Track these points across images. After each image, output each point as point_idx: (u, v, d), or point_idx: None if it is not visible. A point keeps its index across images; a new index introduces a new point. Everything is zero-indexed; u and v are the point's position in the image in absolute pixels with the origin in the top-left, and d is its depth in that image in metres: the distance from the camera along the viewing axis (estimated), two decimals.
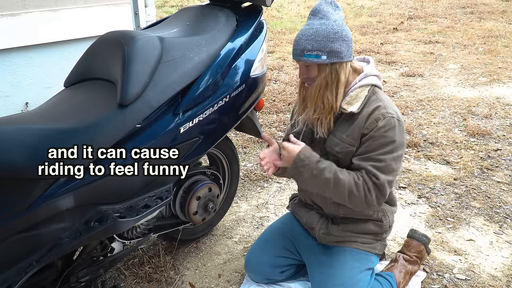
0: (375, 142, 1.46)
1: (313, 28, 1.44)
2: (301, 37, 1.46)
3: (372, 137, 1.47)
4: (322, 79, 1.47)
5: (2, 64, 2.68)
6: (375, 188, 1.45)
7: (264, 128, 3.38)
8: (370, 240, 1.67)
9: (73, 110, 1.43)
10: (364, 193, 1.45)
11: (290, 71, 4.76)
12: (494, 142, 3.11)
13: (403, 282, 1.77)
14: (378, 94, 1.52)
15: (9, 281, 1.24)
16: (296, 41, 1.48)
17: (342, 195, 1.48)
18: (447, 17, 7.15)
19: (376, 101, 1.50)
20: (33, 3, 2.72)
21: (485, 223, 2.26)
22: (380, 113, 1.47)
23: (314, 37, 1.43)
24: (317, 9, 1.46)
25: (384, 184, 1.46)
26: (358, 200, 1.47)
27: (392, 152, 1.46)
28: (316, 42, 1.43)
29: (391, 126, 1.46)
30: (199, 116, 1.63)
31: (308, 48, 1.44)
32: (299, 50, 1.46)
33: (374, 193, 1.46)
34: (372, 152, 1.46)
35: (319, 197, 1.67)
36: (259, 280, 1.82)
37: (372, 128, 1.46)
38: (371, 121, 1.47)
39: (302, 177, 1.52)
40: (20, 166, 1.21)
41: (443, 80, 4.42)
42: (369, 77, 1.53)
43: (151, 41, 1.53)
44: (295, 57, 1.49)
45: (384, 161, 1.45)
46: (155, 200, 1.56)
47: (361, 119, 1.49)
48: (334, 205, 1.64)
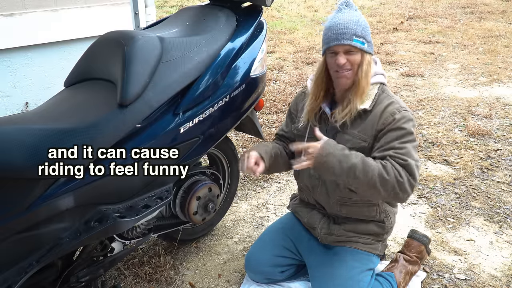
0: (393, 134, 1.47)
1: (356, 16, 1.47)
2: (348, 21, 1.45)
3: (390, 129, 1.48)
4: (366, 66, 1.48)
5: (2, 64, 2.68)
6: (404, 169, 1.42)
7: (264, 128, 3.38)
8: (371, 240, 1.68)
9: (73, 110, 1.43)
10: (394, 175, 1.40)
11: (290, 71, 4.76)
12: (494, 142, 3.11)
13: (404, 282, 1.77)
14: (387, 92, 1.56)
15: (9, 281, 1.24)
16: (341, 24, 1.45)
17: (372, 181, 1.40)
18: (447, 17, 7.15)
19: (387, 98, 1.53)
20: (33, 3, 2.72)
21: (485, 223, 2.26)
22: (395, 108, 1.49)
23: (360, 24, 1.46)
24: (350, 2, 1.50)
25: (412, 165, 1.42)
26: (391, 185, 1.40)
27: (411, 142, 1.47)
28: (362, 29, 1.46)
29: (407, 119, 1.48)
30: (199, 116, 1.63)
31: (358, 33, 1.45)
32: (348, 34, 1.44)
33: (405, 175, 1.41)
34: (393, 142, 1.47)
35: (322, 196, 1.67)
36: (259, 280, 1.82)
37: (389, 122, 1.48)
38: (387, 116, 1.49)
39: (328, 165, 1.43)
40: (20, 166, 1.21)
41: (443, 80, 4.42)
42: (378, 76, 1.56)
43: (151, 41, 1.53)
44: (343, 41, 1.45)
45: (405, 148, 1.45)
46: (155, 200, 1.56)
47: (374, 115, 1.50)
48: (337, 205, 1.64)
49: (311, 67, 4.92)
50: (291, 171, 2.76)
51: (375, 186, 1.41)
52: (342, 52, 1.47)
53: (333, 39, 1.46)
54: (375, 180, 1.40)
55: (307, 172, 1.67)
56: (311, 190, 1.71)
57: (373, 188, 1.42)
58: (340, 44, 1.46)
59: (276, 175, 2.75)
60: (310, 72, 4.73)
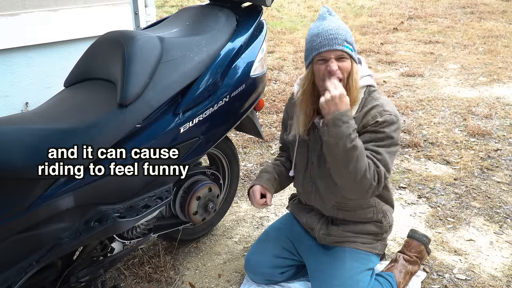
0: (371, 135, 1.47)
1: (342, 24, 1.46)
2: (337, 27, 1.43)
3: (369, 131, 1.48)
4: (356, 75, 1.47)
5: (2, 64, 2.68)
6: (377, 175, 1.43)
7: (264, 128, 3.38)
8: (370, 240, 1.68)
9: (73, 110, 1.43)
10: (371, 177, 1.42)
11: (290, 71, 4.76)
12: (494, 142, 3.11)
13: (403, 282, 1.77)
14: (374, 94, 1.54)
15: (9, 281, 1.24)
16: (331, 30, 1.42)
17: (358, 172, 1.39)
18: (447, 17, 7.15)
19: (372, 101, 1.51)
20: (33, 3, 2.72)
21: (485, 223, 2.26)
22: (378, 111, 1.48)
23: (348, 31, 1.45)
24: (331, 10, 1.49)
25: (382, 174, 1.44)
26: (365, 183, 1.41)
27: (387, 146, 1.47)
28: (350, 37, 1.46)
29: (390, 122, 1.47)
30: (199, 116, 1.63)
31: (348, 39, 1.44)
32: (340, 39, 1.42)
33: (376, 181, 1.43)
34: (369, 143, 1.46)
35: (317, 202, 1.68)
36: (259, 281, 1.82)
37: (370, 124, 1.48)
38: (369, 119, 1.48)
39: (338, 131, 1.38)
40: (20, 166, 1.20)
41: (443, 80, 4.42)
42: (363, 79, 1.54)
43: (151, 41, 1.53)
44: (335, 46, 1.42)
45: (380, 154, 1.45)
46: (155, 200, 1.56)
47: (358, 118, 1.50)
48: (333, 209, 1.65)
49: None
50: None
51: (356, 176, 1.40)
52: (334, 58, 1.43)
53: (324, 45, 1.42)
54: (360, 172, 1.40)
55: (302, 178, 1.69)
56: (306, 196, 1.73)
57: (353, 175, 1.41)
58: (332, 49, 1.42)
59: None
60: None
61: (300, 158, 1.67)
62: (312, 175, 1.64)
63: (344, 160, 1.40)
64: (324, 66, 1.44)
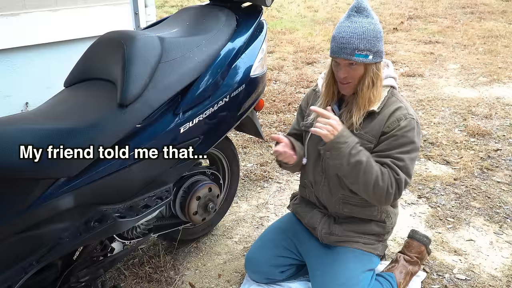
0: (395, 141, 1.49)
1: (363, 26, 1.44)
2: (351, 35, 1.43)
3: (393, 136, 1.49)
4: (369, 79, 1.48)
5: (2, 64, 2.68)
6: (395, 182, 1.46)
7: (264, 128, 3.38)
8: (372, 241, 1.68)
9: (73, 110, 1.43)
10: (387, 185, 1.45)
11: (290, 71, 4.76)
12: (494, 142, 3.11)
13: (404, 283, 1.77)
14: (397, 96, 1.56)
15: (9, 281, 1.24)
16: (344, 38, 1.44)
17: (368, 183, 1.45)
18: (447, 17, 7.15)
19: (396, 102, 1.53)
20: (33, 3, 2.72)
21: (485, 223, 2.26)
22: (402, 114, 1.49)
23: (365, 36, 1.43)
24: (362, 6, 1.46)
25: (402, 181, 1.47)
26: (381, 191, 1.46)
27: (410, 152, 1.49)
28: (367, 42, 1.44)
29: (412, 127, 1.49)
30: (199, 116, 1.63)
31: (361, 47, 1.43)
32: (349, 48, 1.43)
33: (394, 188, 1.46)
34: (392, 150, 1.49)
35: (324, 193, 1.67)
36: (259, 280, 1.82)
37: (394, 127, 1.49)
38: (393, 121, 1.49)
39: (340, 152, 1.45)
40: (20, 166, 1.20)
41: (443, 80, 4.42)
42: (389, 79, 1.57)
43: (151, 41, 1.53)
44: (343, 55, 1.45)
45: (403, 160, 1.47)
46: (155, 200, 1.56)
47: (381, 118, 1.51)
48: (339, 203, 1.64)
49: (311, 67, 4.92)
50: None
51: (367, 187, 1.47)
52: (343, 65, 1.48)
53: (335, 51, 1.48)
54: (371, 183, 1.45)
55: (312, 167, 1.68)
56: (314, 186, 1.71)
57: (365, 187, 1.48)
58: (340, 57, 1.47)
59: (276, 175, 2.75)
60: (310, 72, 4.73)
61: (313, 147, 1.67)
62: (325, 165, 1.64)
63: (352, 175, 1.47)
64: (336, 69, 1.52)
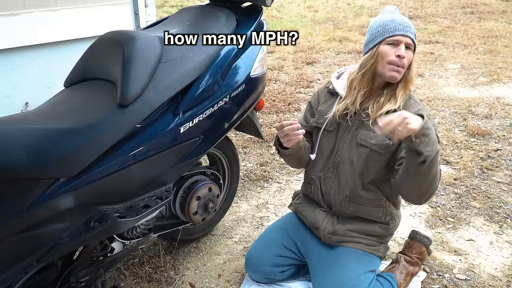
0: None
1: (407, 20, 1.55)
2: (407, 21, 1.52)
3: None
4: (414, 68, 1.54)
5: (2, 64, 2.68)
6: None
7: (264, 128, 3.38)
8: (374, 242, 1.68)
9: (73, 110, 1.43)
10: (438, 179, 1.42)
11: (290, 71, 4.76)
12: (494, 142, 3.11)
13: (404, 284, 1.77)
14: (415, 98, 1.59)
15: (9, 281, 1.24)
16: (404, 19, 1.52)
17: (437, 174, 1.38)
18: (447, 17, 7.15)
19: (415, 104, 1.57)
20: (33, 3, 2.72)
21: (485, 223, 2.26)
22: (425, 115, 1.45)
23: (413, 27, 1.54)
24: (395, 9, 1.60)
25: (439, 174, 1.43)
26: (435, 185, 1.41)
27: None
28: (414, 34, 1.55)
29: (436, 127, 1.48)
30: (199, 116, 1.63)
31: (415, 33, 1.54)
32: (412, 30, 1.52)
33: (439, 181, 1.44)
34: None
35: (332, 189, 1.67)
36: (259, 279, 1.82)
37: None
38: None
39: (429, 139, 1.31)
40: (20, 166, 1.20)
41: (443, 80, 4.42)
42: None
43: (151, 41, 1.53)
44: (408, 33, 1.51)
45: None
46: (155, 200, 1.56)
47: None
48: (345, 201, 1.65)
49: (311, 67, 4.92)
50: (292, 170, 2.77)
51: (435, 179, 1.38)
52: (406, 44, 1.51)
53: (399, 29, 1.50)
54: (438, 174, 1.39)
55: (323, 163, 1.68)
56: (322, 182, 1.70)
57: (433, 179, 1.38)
58: (406, 35, 1.50)
59: (276, 175, 2.75)
60: (310, 72, 4.73)
61: (326, 143, 1.67)
62: (336, 161, 1.64)
63: (432, 164, 1.34)
64: (393, 50, 1.51)
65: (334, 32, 6.39)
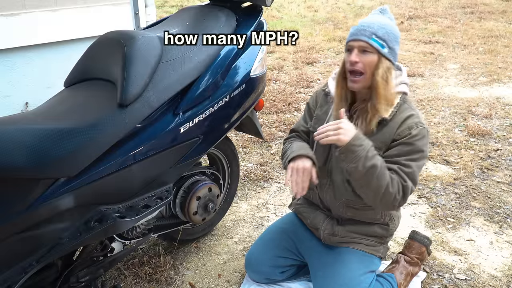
0: (405, 149, 1.47)
1: (385, 21, 1.47)
2: (373, 22, 1.45)
3: (403, 143, 1.47)
4: (383, 72, 1.44)
5: (2, 64, 2.68)
6: (402, 189, 1.45)
7: (264, 128, 3.38)
8: (374, 242, 1.68)
9: (73, 110, 1.43)
10: (395, 191, 1.43)
11: (290, 71, 4.76)
12: (494, 142, 3.11)
13: (404, 284, 1.77)
14: (408, 103, 1.54)
15: (9, 281, 1.24)
16: (365, 23, 1.45)
17: (380, 188, 1.42)
18: (447, 17, 7.15)
19: (408, 109, 1.51)
20: (33, 3, 2.72)
21: (485, 223, 2.26)
22: (414, 122, 1.48)
23: (385, 28, 1.45)
24: (386, 9, 1.52)
25: (409, 188, 1.45)
26: (389, 197, 1.43)
27: (418, 160, 1.47)
28: (386, 33, 1.45)
29: (422, 136, 1.47)
30: (199, 116, 1.63)
31: (379, 34, 1.43)
32: (368, 31, 1.43)
33: (401, 195, 1.45)
34: (401, 157, 1.47)
35: (328, 196, 1.67)
36: (259, 280, 1.82)
37: (405, 135, 1.47)
38: (404, 128, 1.48)
39: (356, 155, 1.39)
40: (20, 166, 1.20)
41: (443, 80, 4.42)
42: (401, 85, 1.55)
43: (151, 41, 1.53)
44: (360, 36, 1.43)
45: (410, 167, 1.46)
46: (155, 200, 1.55)
47: (393, 124, 1.49)
48: (342, 207, 1.64)
49: (311, 67, 4.93)
50: None
51: (378, 192, 1.43)
52: (357, 49, 1.44)
53: (353, 34, 1.46)
54: (382, 188, 1.42)
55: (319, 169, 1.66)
56: (318, 188, 1.70)
57: (375, 192, 1.44)
58: (357, 39, 1.44)
59: (276, 175, 2.75)
60: (310, 72, 4.73)
61: (320, 150, 1.66)
62: (330, 168, 1.64)
63: (366, 179, 1.43)
64: (348, 57, 1.47)
65: (334, 32, 6.39)
